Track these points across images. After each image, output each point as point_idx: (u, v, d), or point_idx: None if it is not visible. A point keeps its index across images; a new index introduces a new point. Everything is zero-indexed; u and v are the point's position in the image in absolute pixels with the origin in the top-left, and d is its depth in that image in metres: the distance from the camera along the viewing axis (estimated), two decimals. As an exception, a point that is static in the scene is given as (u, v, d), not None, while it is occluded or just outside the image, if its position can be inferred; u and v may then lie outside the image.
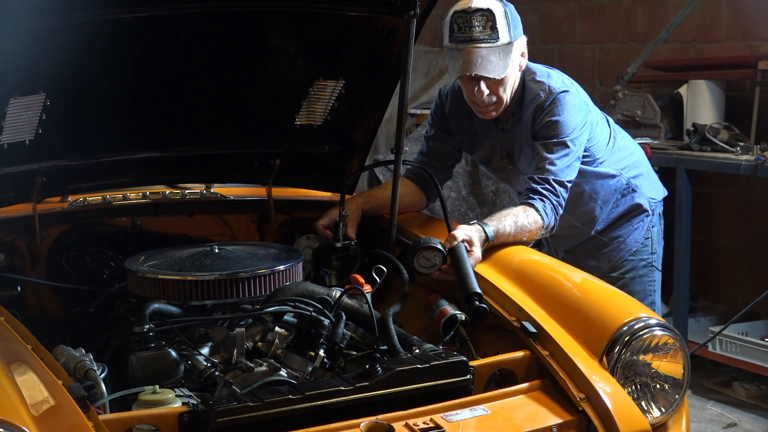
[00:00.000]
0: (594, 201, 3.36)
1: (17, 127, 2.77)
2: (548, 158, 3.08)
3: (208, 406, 2.09)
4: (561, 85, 3.18)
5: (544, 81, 3.18)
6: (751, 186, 5.40)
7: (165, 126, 3.14)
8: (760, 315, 5.22)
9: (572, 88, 3.21)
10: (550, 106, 3.13)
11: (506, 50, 3.05)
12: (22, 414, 1.92)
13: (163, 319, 2.55)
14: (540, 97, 3.15)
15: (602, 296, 2.67)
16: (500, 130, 3.28)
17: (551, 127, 3.11)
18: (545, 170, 3.07)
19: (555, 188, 3.06)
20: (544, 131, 3.13)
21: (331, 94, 3.22)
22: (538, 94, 3.16)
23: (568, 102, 3.14)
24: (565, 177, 3.09)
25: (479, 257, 2.84)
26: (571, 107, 3.14)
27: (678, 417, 2.49)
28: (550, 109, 3.13)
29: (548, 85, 3.17)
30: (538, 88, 3.17)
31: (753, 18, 5.35)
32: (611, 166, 3.35)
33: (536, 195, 3.05)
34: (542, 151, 3.10)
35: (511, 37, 3.06)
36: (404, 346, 2.55)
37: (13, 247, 3.06)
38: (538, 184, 3.06)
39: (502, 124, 3.26)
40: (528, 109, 3.18)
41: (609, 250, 3.46)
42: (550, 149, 3.09)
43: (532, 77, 3.20)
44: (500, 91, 3.12)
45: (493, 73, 3.04)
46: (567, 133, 3.11)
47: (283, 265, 2.77)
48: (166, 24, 2.80)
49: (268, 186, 3.41)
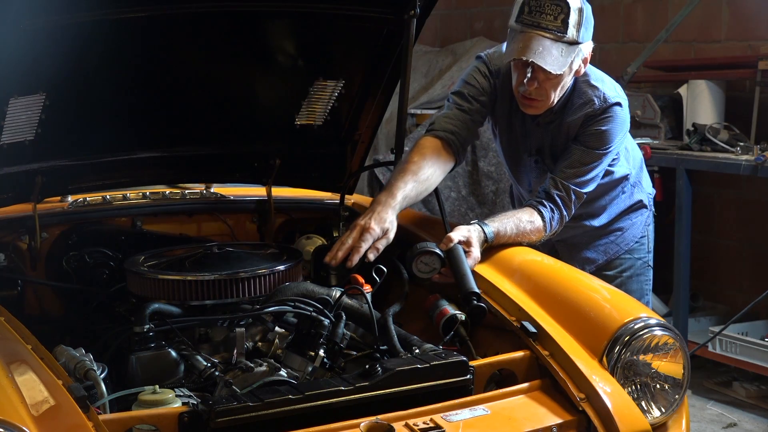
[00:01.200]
0: (603, 196, 3.33)
1: (17, 127, 2.76)
2: (580, 167, 3.03)
3: (208, 406, 2.09)
4: (615, 95, 3.09)
5: (599, 87, 3.08)
6: (751, 186, 5.40)
7: (165, 126, 3.14)
8: (760, 315, 5.22)
9: (624, 99, 3.12)
10: (603, 113, 3.05)
11: (570, 49, 2.92)
12: (22, 414, 1.92)
13: (163, 319, 2.55)
14: (593, 104, 3.05)
15: (602, 296, 2.67)
16: (536, 124, 3.18)
17: (596, 136, 3.05)
18: (571, 178, 3.03)
19: (571, 199, 3.03)
20: (588, 138, 3.06)
21: (331, 94, 3.22)
22: (591, 100, 3.06)
23: (619, 115, 3.07)
24: (586, 189, 3.07)
25: (478, 257, 2.83)
26: (619, 121, 3.07)
27: (678, 417, 2.49)
28: (602, 117, 3.04)
29: (603, 93, 3.06)
30: (593, 94, 3.06)
31: (753, 18, 5.35)
32: (624, 165, 3.33)
33: (549, 202, 3.02)
34: (578, 157, 3.04)
35: (579, 38, 2.92)
36: (404, 346, 2.55)
37: (13, 247, 3.05)
38: (557, 190, 3.03)
39: (540, 119, 3.16)
40: (575, 112, 3.08)
41: (606, 243, 3.44)
42: (587, 158, 3.04)
43: (586, 80, 3.08)
44: (550, 89, 2.99)
45: (550, 66, 2.89)
46: (608, 145, 3.06)
47: (283, 265, 2.76)
48: (166, 24, 2.80)
49: (268, 186, 3.41)
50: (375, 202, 2.83)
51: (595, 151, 3.06)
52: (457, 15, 7.45)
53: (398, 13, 2.95)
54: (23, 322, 2.40)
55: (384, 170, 5.88)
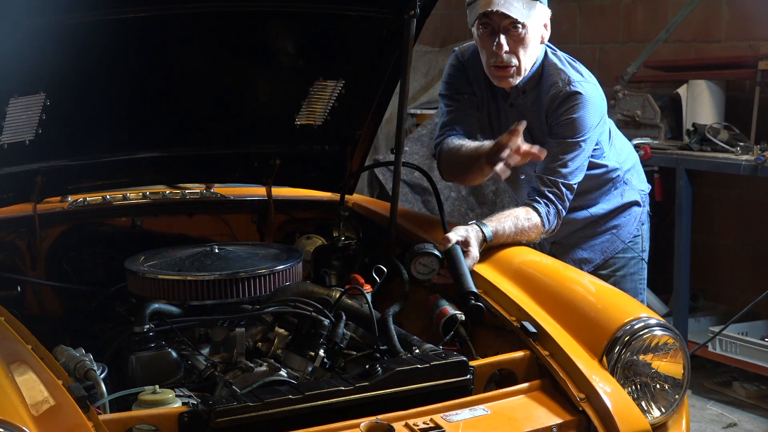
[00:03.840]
0: (593, 191, 3.34)
1: (17, 127, 2.77)
2: (561, 159, 3.05)
3: (208, 406, 2.09)
4: (581, 79, 3.11)
5: (564, 70, 3.12)
6: (751, 186, 5.40)
7: (165, 126, 3.14)
8: (760, 315, 5.22)
9: (591, 81, 3.15)
10: (569, 100, 3.07)
11: (530, 4, 3.00)
12: (22, 414, 1.93)
13: (163, 319, 2.56)
14: (557, 86, 3.09)
15: (602, 296, 2.67)
16: (509, 104, 3.22)
17: (569, 125, 3.06)
18: (556, 172, 3.04)
19: (563, 192, 3.04)
20: (561, 129, 3.08)
21: (331, 94, 3.22)
22: (556, 82, 3.10)
23: (588, 101, 3.08)
24: (574, 180, 3.08)
25: (477, 256, 2.83)
26: (589, 105, 3.08)
27: (678, 417, 2.49)
28: (569, 105, 3.06)
29: (568, 76, 3.10)
30: (558, 76, 3.11)
31: (753, 18, 5.35)
32: (612, 159, 3.34)
33: (542, 198, 3.03)
34: (557, 151, 3.06)
35: None
36: (404, 346, 2.55)
37: (13, 247, 3.06)
38: (546, 187, 3.04)
39: (512, 99, 3.20)
40: (544, 94, 3.12)
41: (602, 242, 3.44)
42: (565, 149, 3.06)
43: (554, 63, 3.14)
44: (520, 51, 3.04)
45: (515, 12, 2.96)
46: (584, 132, 3.07)
47: (283, 265, 2.77)
48: (166, 24, 2.80)
49: (268, 186, 3.41)
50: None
51: (570, 140, 3.07)
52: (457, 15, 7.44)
53: (398, 13, 2.95)
54: (23, 322, 2.40)
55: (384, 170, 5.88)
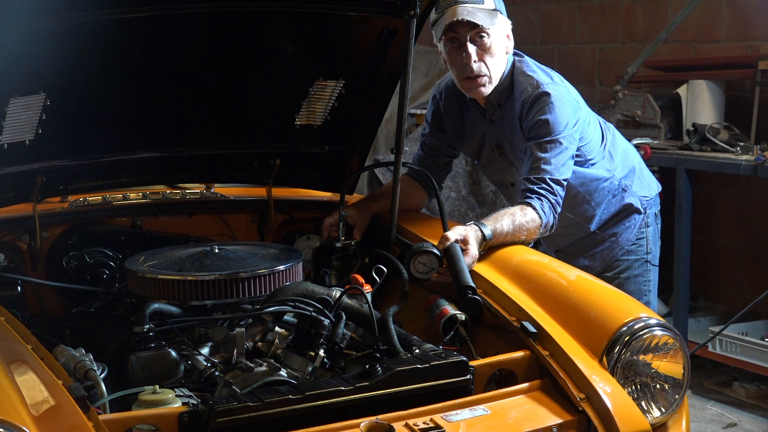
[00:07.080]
0: (587, 203, 3.35)
1: (17, 127, 2.77)
2: (542, 158, 3.06)
3: (208, 406, 2.09)
4: (548, 80, 3.16)
5: (532, 75, 3.17)
6: (751, 186, 5.40)
7: (165, 126, 3.14)
8: (760, 315, 5.23)
9: (560, 84, 3.19)
10: (538, 102, 3.10)
11: (492, 14, 3.09)
12: (22, 414, 1.93)
13: (163, 319, 2.55)
14: (527, 91, 3.14)
15: (602, 296, 2.67)
16: (488, 121, 3.27)
17: (542, 126, 3.09)
18: (540, 170, 3.06)
19: (552, 186, 3.05)
20: (536, 131, 3.11)
21: (331, 94, 3.22)
22: (525, 88, 3.15)
23: (556, 99, 3.11)
24: (561, 175, 3.08)
25: (476, 255, 2.83)
26: (559, 104, 3.11)
27: (678, 417, 2.49)
28: (539, 107, 3.10)
29: (536, 80, 3.15)
30: (527, 83, 3.16)
31: (753, 18, 5.35)
32: (603, 167, 3.34)
33: (533, 194, 3.04)
34: (536, 152, 3.08)
35: (496, 6, 3.11)
36: (404, 346, 2.54)
37: (13, 247, 3.06)
38: (534, 184, 3.05)
39: (490, 116, 3.26)
40: (517, 102, 3.17)
41: (602, 249, 3.45)
42: (544, 148, 3.08)
43: (522, 71, 3.20)
44: (487, 59, 3.11)
45: (480, 20, 3.04)
46: (559, 130, 3.09)
47: (283, 265, 2.77)
48: (166, 24, 2.80)
49: (268, 186, 3.41)
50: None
51: (546, 140, 3.09)
52: (457, 15, 7.45)
53: (398, 13, 2.95)
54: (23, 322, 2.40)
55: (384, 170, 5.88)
